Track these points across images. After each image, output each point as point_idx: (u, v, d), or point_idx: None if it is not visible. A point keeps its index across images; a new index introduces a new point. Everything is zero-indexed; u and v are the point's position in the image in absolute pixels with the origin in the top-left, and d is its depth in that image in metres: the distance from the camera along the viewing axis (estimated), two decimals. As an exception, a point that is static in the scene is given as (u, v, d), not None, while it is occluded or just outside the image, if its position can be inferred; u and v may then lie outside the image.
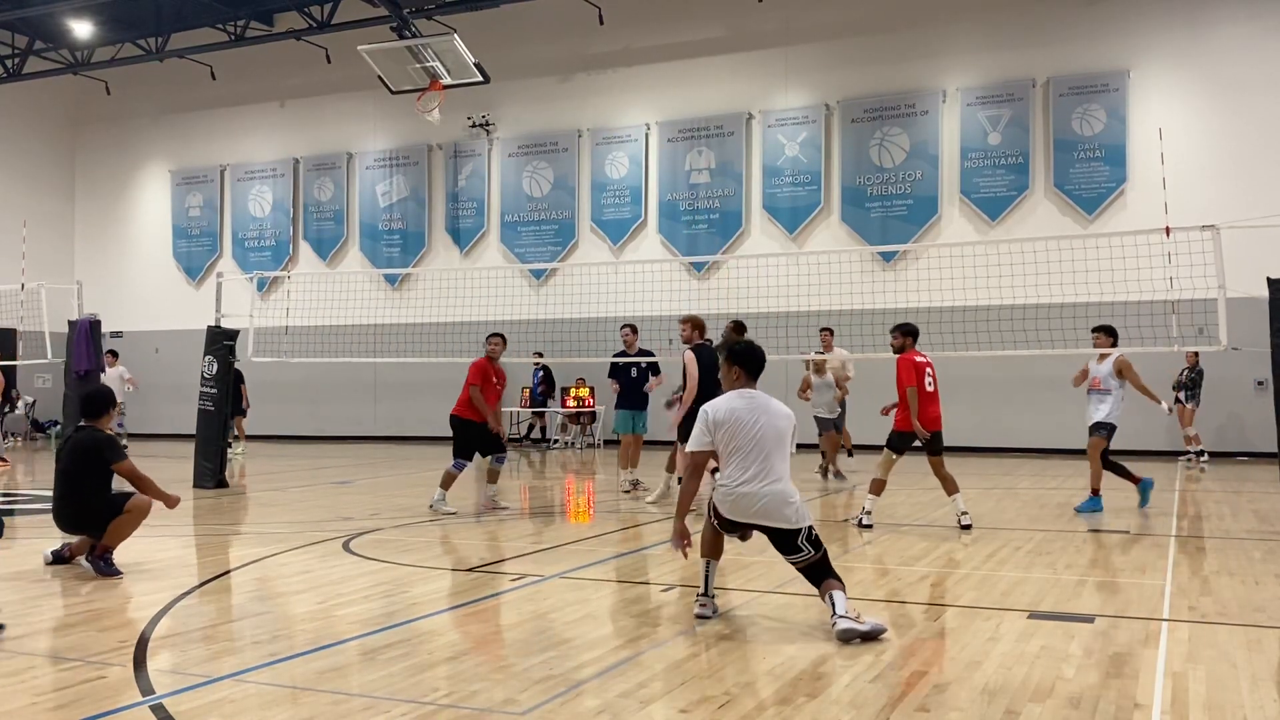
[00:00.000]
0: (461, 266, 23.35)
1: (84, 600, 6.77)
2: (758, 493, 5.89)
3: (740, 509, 5.94)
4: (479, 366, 11.23)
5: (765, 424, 5.98)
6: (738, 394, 6.11)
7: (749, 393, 6.13)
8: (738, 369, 6.19)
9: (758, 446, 5.93)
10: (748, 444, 5.93)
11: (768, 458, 5.94)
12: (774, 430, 5.99)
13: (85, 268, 27.44)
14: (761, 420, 5.98)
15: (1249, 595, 6.73)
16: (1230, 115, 18.86)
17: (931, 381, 10.18)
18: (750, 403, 6.04)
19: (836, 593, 5.69)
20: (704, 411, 6.05)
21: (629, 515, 11.02)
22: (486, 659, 5.27)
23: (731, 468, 5.95)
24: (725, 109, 22.28)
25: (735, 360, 6.21)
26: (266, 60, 25.63)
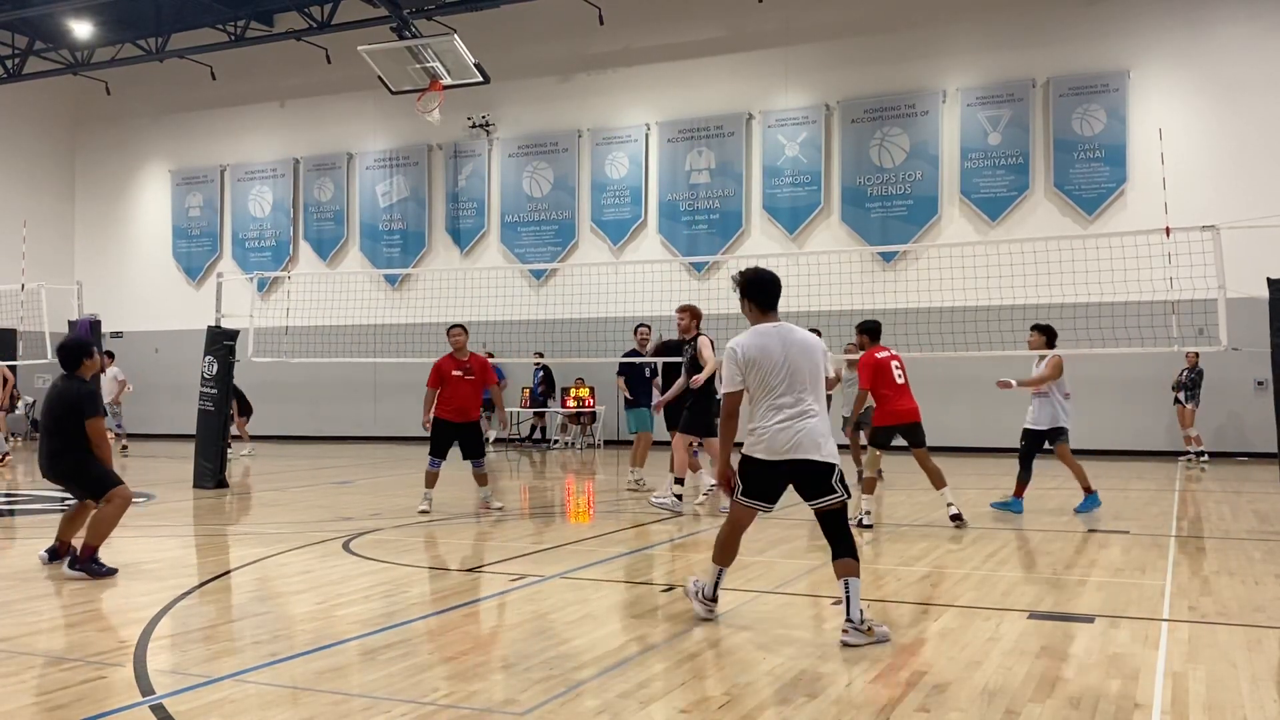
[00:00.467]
0: (461, 267, 23.34)
1: (84, 600, 6.77)
2: (794, 427, 5.61)
3: (777, 446, 5.61)
4: (435, 368, 11.04)
5: (795, 356, 5.69)
6: (761, 329, 5.77)
7: (771, 326, 5.79)
8: (749, 302, 5.88)
9: (790, 381, 5.65)
10: (780, 380, 5.65)
11: (802, 391, 5.67)
12: (806, 362, 5.70)
13: (85, 268, 27.44)
14: (792, 353, 5.69)
15: (1249, 595, 6.73)
16: (1230, 115, 18.86)
17: (900, 374, 10.06)
18: (777, 336, 5.73)
19: (852, 582, 5.52)
20: (732, 350, 5.72)
21: (629, 515, 11.02)
22: (486, 659, 5.27)
23: (764, 407, 5.65)
24: (725, 109, 22.28)
25: (747, 294, 5.88)
26: (266, 60, 25.63)
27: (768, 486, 5.76)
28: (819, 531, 5.92)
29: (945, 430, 18.98)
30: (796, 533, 9.92)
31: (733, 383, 5.73)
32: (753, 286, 5.88)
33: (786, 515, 11.01)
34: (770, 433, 5.64)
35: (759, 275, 5.93)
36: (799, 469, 5.66)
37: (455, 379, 10.95)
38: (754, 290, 5.88)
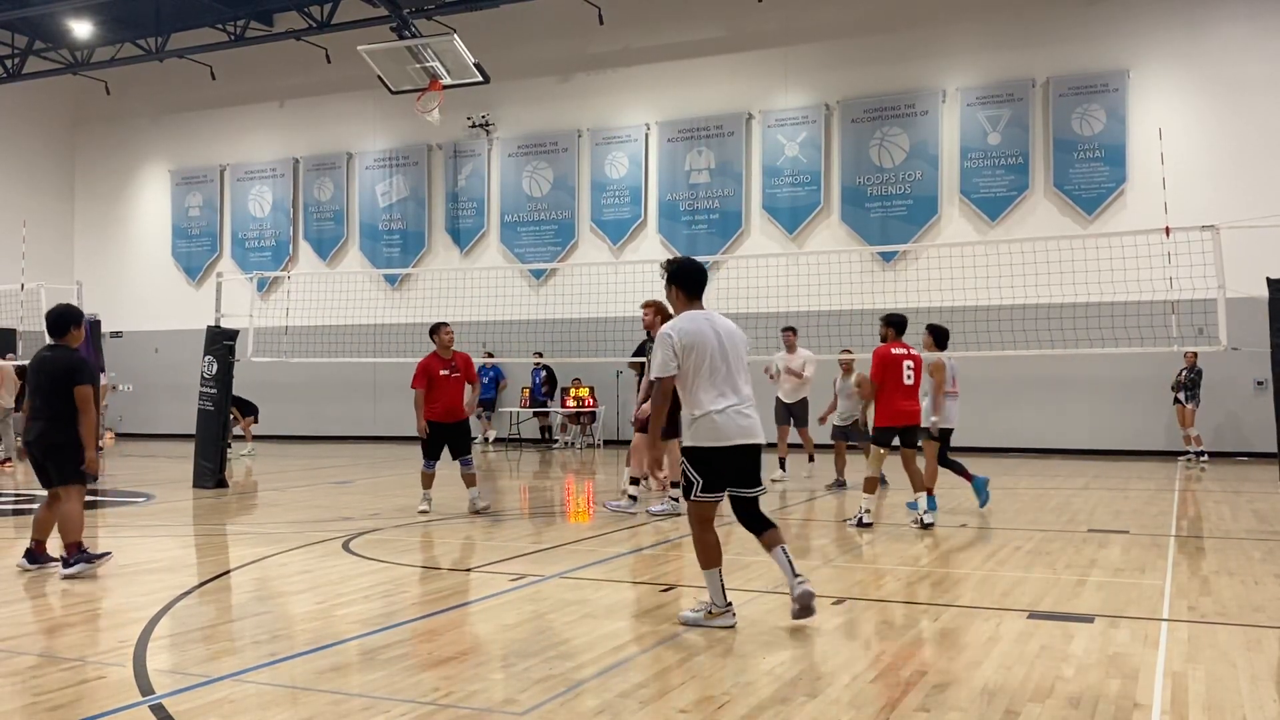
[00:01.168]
0: (461, 266, 23.34)
1: (84, 600, 6.77)
2: (743, 411, 5.82)
3: (725, 432, 5.75)
4: (421, 367, 10.89)
5: (727, 342, 5.89)
6: (693, 315, 5.95)
7: (700, 313, 5.98)
8: (676, 289, 6.05)
9: (726, 365, 5.84)
10: (717, 364, 5.81)
11: (734, 375, 5.85)
12: (734, 347, 5.92)
13: (85, 268, 27.43)
14: (723, 339, 5.88)
15: (1249, 595, 6.73)
16: (1230, 115, 18.86)
17: (911, 375, 9.86)
18: (707, 322, 5.92)
19: (785, 548, 5.83)
20: (667, 335, 5.83)
21: (628, 515, 11.01)
22: (486, 659, 5.27)
23: (701, 392, 5.78)
24: (725, 109, 22.28)
25: (676, 281, 6.05)
26: (266, 60, 25.62)
27: (719, 475, 5.84)
28: (818, 532, 5.91)
29: (945, 430, 18.99)
30: (796, 533, 9.92)
31: (668, 368, 5.81)
32: (682, 274, 6.04)
33: (787, 515, 11.02)
34: (715, 420, 5.75)
35: (688, 263, 6.13)
36: (747, 454, 5.83)
37: (443, 379, 10.85)
38: (683, 278, 6.03)
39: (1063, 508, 11.37)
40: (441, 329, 11.04)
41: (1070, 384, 19.22)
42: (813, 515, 11.10)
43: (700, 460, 5.79)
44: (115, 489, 13.91)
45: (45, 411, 7.54)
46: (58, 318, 7.76)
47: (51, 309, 7.89)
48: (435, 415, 10.86)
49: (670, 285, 6.06)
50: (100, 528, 10.51)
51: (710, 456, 5.78)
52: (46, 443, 7.54)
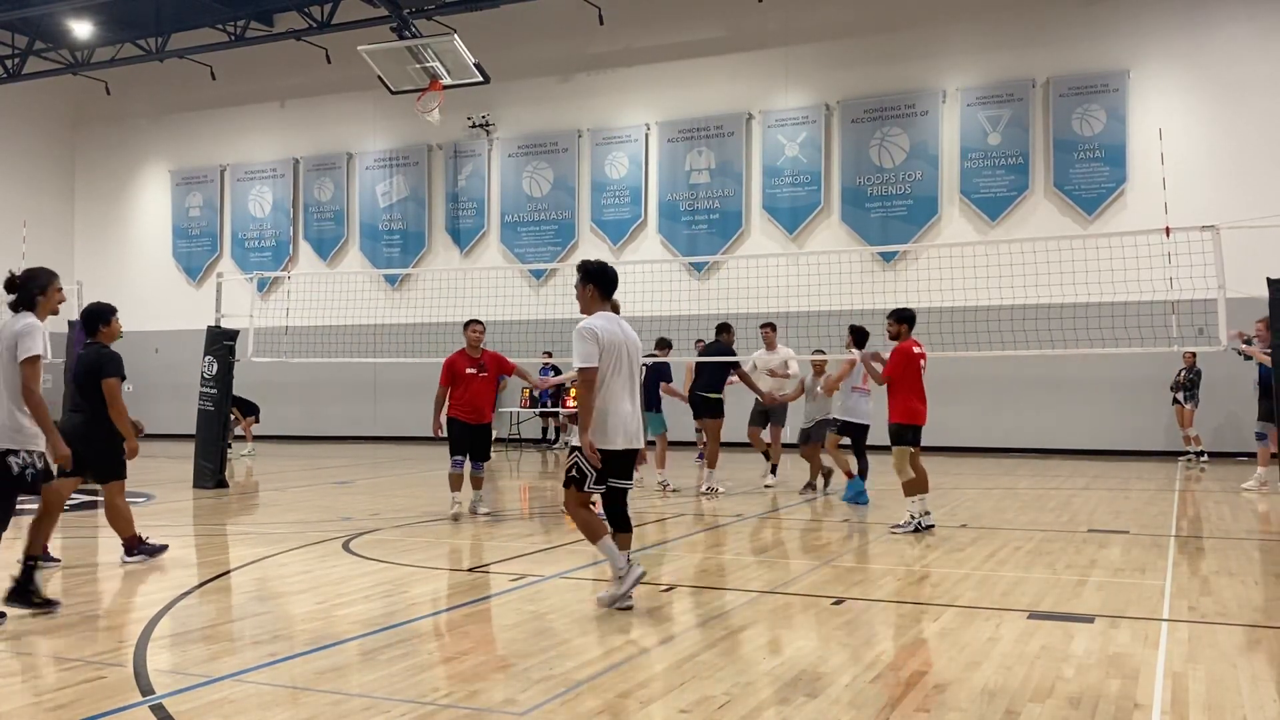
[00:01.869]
0: (461, 266, 23.34)
1: (84, 600, 6.77)
2: (638, 415, 6.29)
3: (619, 432, 6.17)
4: (446, 365, 10.69)
5: (632, 347, 6.34)
6: (608, 315, 6.32)
7: (615, 316, 6.40)
8: (592, 287, 6.35)
9: (629, 367, 6.26)
10: (625, 364, 6.22)
11: (633, 377, 6.29)
12: (635, 351, 6.34)
13: (85, 268, 27.42)
14: (627, 341, 6.31)
15: (1249, 595, 6.73)
16: (1230, 115, 18.86)
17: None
18: (618, 324, 6.32)
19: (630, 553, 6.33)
20: (591, 330, 6.14)
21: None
22: (486, 659, 5.27)
23: (616, 393, 6.16)
24: (725, 109, 22.28)
25: (593, 280, 6.35)
26: (266, 60, 25.62)
27: (611, 469, 6.29)
28: (817, 532, 5.91)
29: (946, 430, 18.96)
30: (795, 533, 9.93)
31: (593, 359, 6.12)
32: (600, 275, 6.40)
33: (786, 515, 11.02)
34: (623, 421, 6.20)
35: (604, 266, 6.48)
36: (631, 455, 6.38)
37: (468, 377, 10.57)
38: (600, 279, 6.39)
39: (1063, 508, 11.37)
40: (468, 326, 10.78)
41: (1070, 384, 19.21)
42: (814, 516, 11.10)
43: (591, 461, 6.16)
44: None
45: (82, 406, 7.74)
46: (86, 316, 7.95)
47: (84, 308, 8.09)
48: (459, 414, 10.60)
49: (586, 284, 6.37)
50: (101, 527, 10.50)
51: (605, 456, 6.19)
52: (81, 436, 7.48)
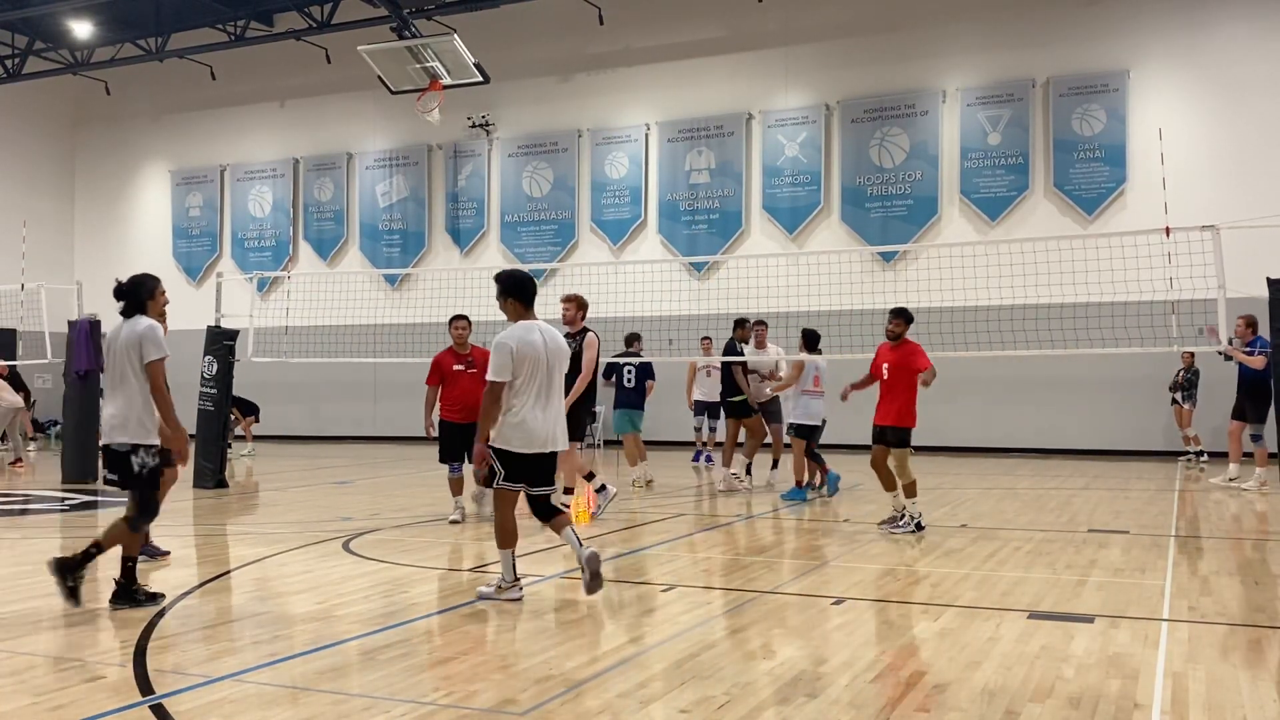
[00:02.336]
0: (461, 266, 23.34)
1: (84, 600, 6.77)
2: (546, 418, 6.49)
3: (533, 438, 6.43)
4: (434, 364, 10.45)
5: (553, 355, 6.55)
6: (528, 325, 6.53)
7: (533, 324, 6.56)
8: (514, 301, 6.58)
9: (547, 376, 6.48)
10: (541, 374, 6.45)
11: (552, 386, 6.54)
12: (556, 357, 6.56)
13: (85, 268, 27.42)
14: (550, 351, 6.53)
15: (1249, 595, 6.73)
16: (1230, 115, 18.86)
17: None
18: (541, 334, 6.52)
19: (573, 528, 6.57)
20: (504, 344, 6.39)
21: (628, 515, 11.02)
22: (486, 659, 5.27)
23: (527, 401, 6.42)
24: (725, 109, 22.27)
25: (512, 293, 6.58)
26: (266, 60, 25.62)
27: (525, 471, 6.52)
28: (818, 532, 5.91)
29: (946, 430, 18.99)
30: (795, 534, 9.93)
31: (503, 373, 6.39)
32: (517, 287, 6.60)
33: (786, 514, 11.02)
34: (532, 428, 6.43)
35: (521, 276, 6.70)
36: (547, 458, 6.56)
37: (456, 374, 10.30)
38: (518, 290, 6.60)
39: (1063, 508, 11.38)
40: (453, 323, 10.58)
41: (1070, 384, 19.21)
42: (816, 516, 11.10)
43: (506, 458, 6.46)
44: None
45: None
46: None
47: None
48: (450, 415, 10.32)
49: (506, 298, 6.59)
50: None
51: (515, 458, 6.46)
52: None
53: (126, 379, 6.46)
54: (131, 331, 6.50)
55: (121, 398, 6.47)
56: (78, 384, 14.54)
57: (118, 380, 6.51)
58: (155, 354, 6.42)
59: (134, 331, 6.48)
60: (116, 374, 6.52)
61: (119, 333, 6.57)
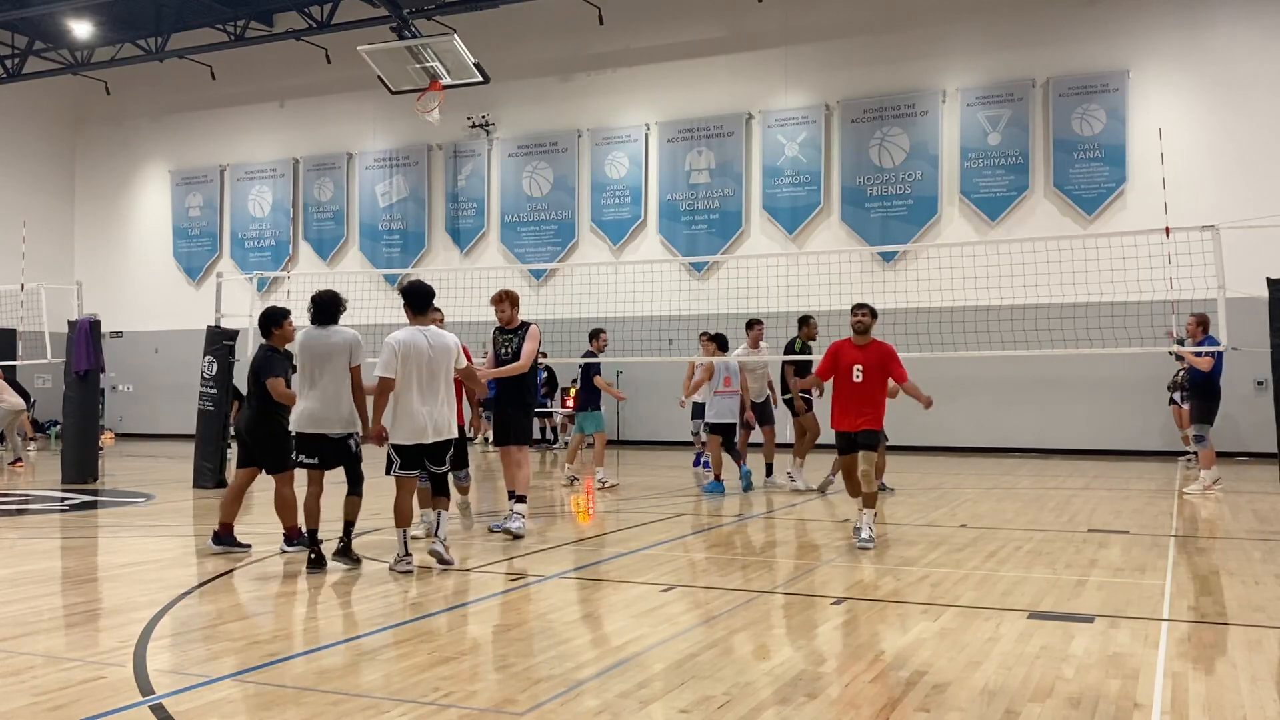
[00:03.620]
0: (461, 266, 23.34)
1: (84, 600, 6.77)
2: (430, 413, 7.29)
3: (417, 431, 7.27)
4: None
5: (431, 352, 7.35)
6: (411, 329, 7.44)
7: (421, 328, 7.50)
8: (406, 308, 7.56)
9: (430, 374, 7.28)
10: (423, 372, 7.26)
11: (435, 383, 7.34)
12: (440, 356, 7.40)
13: (85, 268, 27.43)
14: (436, 350, 7.36)
15: (1249, 595, 6.73)
16: (1230, 115, 18.86)
17: None
18: (426, 336, 7.39)
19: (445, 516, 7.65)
20: (388, 344, 7.28)
21: (628, 516, 11.02)
22: (486, 659, 5.27)
23: (409, 393, 7.25)
24: (725, 109, 22.28)
25: (407, 301, 7.57)
26: (266, 60, 25.63)
27: (416, 460, 7.45)
28: (815, 532, 5.91)
29: (945, 430, 19.00)
30: (795, 534, 9.93)
31: (391, 369, 7.27)
32: (409, 296, 7.61)
33: (786, 515, 11.03)
34: (412, 419, 7.28)
35: (411, 288, 7.64)
36: (437, 446, 7.44)
37: None
38: (410, 299, 7.59)
39: (1063, 508, 11.37)
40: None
41: (1070, 384, 19.22)
42: (813, 516, 11.10)
43: (400, 449, 7.38)
44: (115, 489, 13.91)
45: (251, 403, 8.35)
46: (261, 320, 8.38)
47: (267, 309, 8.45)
48: None
49: (405, 306, 7.58)
50: (101, 527, 10.52)
51: (407, 448, 7.37)
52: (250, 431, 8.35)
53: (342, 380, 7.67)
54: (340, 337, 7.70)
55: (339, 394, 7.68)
56: (78, 384, 14.53)
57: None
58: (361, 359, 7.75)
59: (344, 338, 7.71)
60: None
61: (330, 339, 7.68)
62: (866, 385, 8.78)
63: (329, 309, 7.78)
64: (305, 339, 7.74)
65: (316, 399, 7.62)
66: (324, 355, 7.60)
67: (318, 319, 7.76)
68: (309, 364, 7.62)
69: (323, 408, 7.61)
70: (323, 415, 7.63)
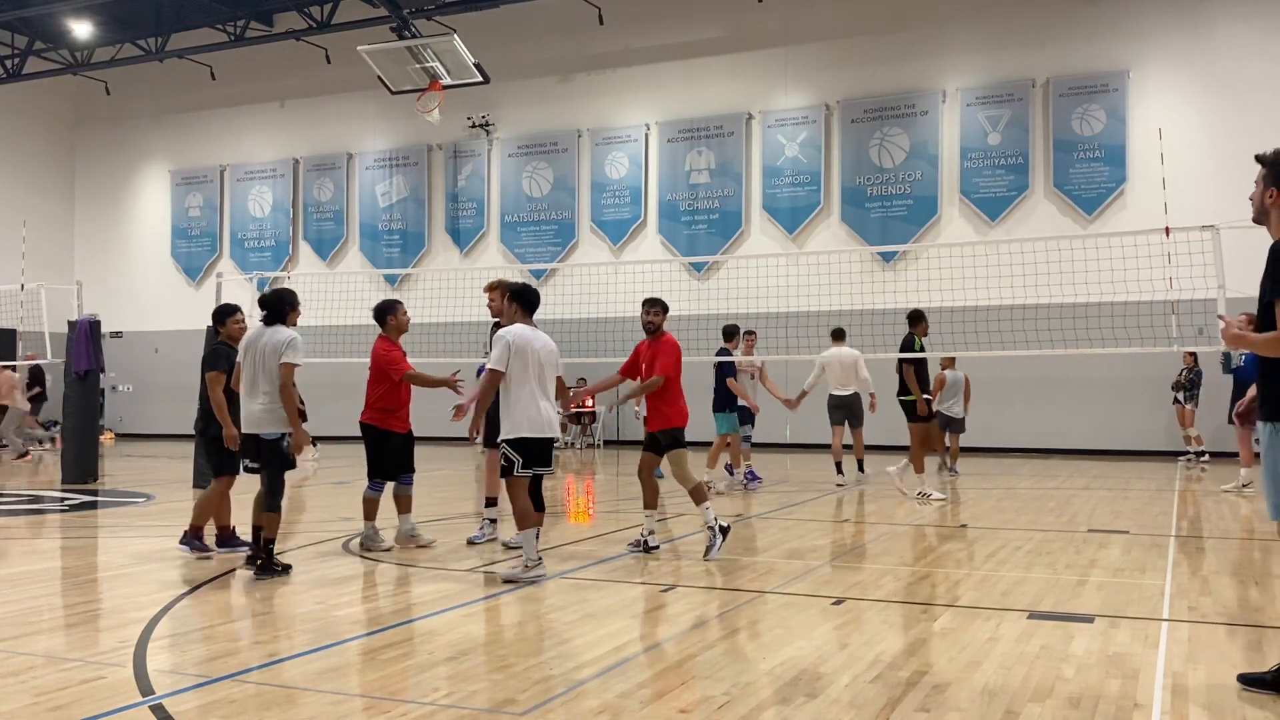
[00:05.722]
0: (461, 267, 23.34)
1: (84, 600, 6.77)
2: (548, 409, 7.37)
3: (543, 423, 7.29)
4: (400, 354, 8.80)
5: (546, 355, 7.45)
6: (529, 329, 7.49)
7: (261, 326, 7.58)
8: (516, 306, 7.62)
9: (541, 371, 7.35)
10: (536, 368, 7.31)
11: (545, 381, 7.41)
12: (550, 358, 7.49)
13: (85, 268, 27.43)
14: (545, 353, 7.44)
15: (1249, 595, 6.73)
16: (1230, 115, 18.86)
17: None
18: (535, 334, 7.48)
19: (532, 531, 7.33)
20: (506, 339, 7.28)
21: (628, 516, 11.01)
22: (486, 659, 5.26)
23: (527, 388, 7.26)
24: (725, 109, 22.28)
25: (515, 300, 7.64)
26: (266, 60, 25.63)
27: (540, 455, 7.40)
28: (817, 532, 5.90)
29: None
30: (795, 534, 9.93)
31: (502, 363, 7.26)
32: (523, 298, 7.67)
33: (787, 515, 11.02)
34: (534, 411, 7.26)
35: (528, 290, 7.75)
36: (550, 443, 7.44)
37: None
38: (523, 300, 7.65)
39: (1063, 508, 11.37)
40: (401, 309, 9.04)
41: (1070, 384, 19.22)
42: (813, 516, 11.11)
43: (521, 446, 7.27)
44: (115, 489, 13.90)
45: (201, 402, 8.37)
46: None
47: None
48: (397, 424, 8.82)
49: (512, 302, 7.65)
50: (101, 528, 10.51)
51: (532, 443, 7.30)
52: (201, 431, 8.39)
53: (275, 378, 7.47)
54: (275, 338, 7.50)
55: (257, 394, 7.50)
56: (78, 384, 14.52)
57: None
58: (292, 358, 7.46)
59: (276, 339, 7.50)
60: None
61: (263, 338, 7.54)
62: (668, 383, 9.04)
63: (275, 308, 7.65)
64: (246, 339, 7.74)
65: (255, 400, 7.51)
66: (262, 355, 7.49)
67: (266, 319, 7.66)
68: (249, 364, 7.55)
69: (261, 409, 7.49)
70: (259, 416, 7.49)
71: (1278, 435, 4.67)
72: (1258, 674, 4.68)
